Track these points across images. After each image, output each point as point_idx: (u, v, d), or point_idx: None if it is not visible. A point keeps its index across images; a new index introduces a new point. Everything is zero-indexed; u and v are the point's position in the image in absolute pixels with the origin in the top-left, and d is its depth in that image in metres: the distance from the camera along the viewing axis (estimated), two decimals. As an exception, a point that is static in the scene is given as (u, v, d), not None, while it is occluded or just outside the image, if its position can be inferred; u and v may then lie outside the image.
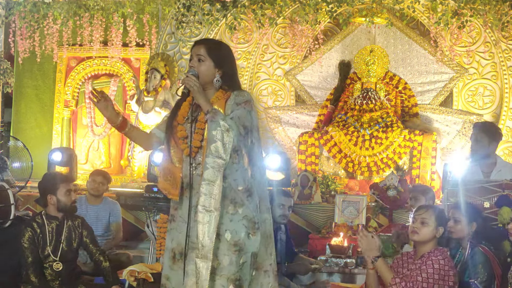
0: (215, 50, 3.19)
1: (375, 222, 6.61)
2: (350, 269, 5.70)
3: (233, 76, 3.23)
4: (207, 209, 2.94)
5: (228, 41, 8.13)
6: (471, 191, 4.34)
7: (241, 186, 3.06)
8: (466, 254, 3.79)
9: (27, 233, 4.36)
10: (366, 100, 7.80)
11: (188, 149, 3.11)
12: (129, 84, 8.37)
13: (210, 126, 2.98)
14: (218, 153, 2.95)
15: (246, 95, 3.13)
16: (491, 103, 7.97)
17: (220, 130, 2.96)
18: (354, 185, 7.58)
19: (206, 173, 2.95)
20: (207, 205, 2.94)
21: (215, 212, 2.94)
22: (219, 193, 2.95)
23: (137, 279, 4.68)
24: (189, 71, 3.14)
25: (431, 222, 3.66)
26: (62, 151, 7.47)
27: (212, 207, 2.94)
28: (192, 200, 3.09)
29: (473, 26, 7.68)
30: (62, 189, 4.44)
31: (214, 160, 2.95)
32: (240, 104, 3.08)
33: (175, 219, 3.16)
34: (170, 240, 3.16)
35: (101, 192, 5.99)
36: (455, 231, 3.84)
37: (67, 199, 4.44)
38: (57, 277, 4.39)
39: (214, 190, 2.95)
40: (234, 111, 3.05)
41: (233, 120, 3.01)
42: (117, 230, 6.00)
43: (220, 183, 2.96)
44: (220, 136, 2.96)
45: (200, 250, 2.93)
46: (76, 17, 8.15)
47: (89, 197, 5.98)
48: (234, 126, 2.99)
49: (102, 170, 6.57)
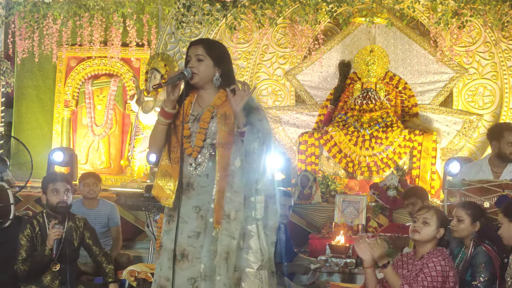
0: (214, 49, 3.18)
1: (375, 222, 6.61)
2: (350, 269, 5.70)
3: (231, 75, 3.24)
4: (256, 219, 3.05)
5: (228, 41, 8.14)
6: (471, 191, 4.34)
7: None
8: (469, 253, 3.79)
9: (26, 229, 4.37)
10: (366, 100, 7.80)
11: (190, 148, 3.11)
12: (129, 84, 8.37)
13: (250, 137, 3.02)
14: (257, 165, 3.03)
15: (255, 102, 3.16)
16: (491, 103, 7.97)
17: (258, 143, 3.02)
18: (354, 185, 7.58)
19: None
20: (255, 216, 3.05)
21: (260, 221, 3.05)
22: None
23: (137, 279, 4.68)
24: (184, 69, 3.13)
25: (433, 222, 3.66)
26: (63, 151, 7.47)
27: (258, 216, 3.05)
28: (192, 200, 3.09)
29: (473, 26, 7.67)
30: (50, 188, 4.44)
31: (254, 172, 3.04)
32: (260, 113, 3.12)
33: (174, 220, 3.15)
34: (169, 241, 3.14)
35: (96, 194, 5.83)
36: (458, 230, 3.84)
37: (53, 199, 4.42)
38: (57, 276, 4.38)
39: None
40: (258, 123, 3.07)
41: (264, 132, 3.06)
42: (116, 235, 5.84)
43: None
44: (258, 147, 3.02)
45: (262, 261, 3.02)
46: (76, 17, 8.14)
47: (84, 200, 5.81)
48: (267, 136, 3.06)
49: (90, 172, 6.38)
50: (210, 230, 3.05)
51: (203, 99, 3.19)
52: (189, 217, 3.09)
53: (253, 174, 3.02)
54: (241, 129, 3.02)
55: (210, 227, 3.05)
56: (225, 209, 3.00)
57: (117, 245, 5.79)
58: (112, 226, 5.84)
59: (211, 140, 3.10)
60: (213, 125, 3.11)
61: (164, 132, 3.17)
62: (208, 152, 3.10)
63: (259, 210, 3.04)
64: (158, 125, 3.17)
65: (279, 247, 4.64)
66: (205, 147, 3.10)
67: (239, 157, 3.04)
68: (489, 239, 3.83)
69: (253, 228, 3.02)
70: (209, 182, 3.08)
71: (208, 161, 3.09)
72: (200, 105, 3.18)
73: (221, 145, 3.07)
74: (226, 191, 3.01)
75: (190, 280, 3.06)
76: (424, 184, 7.23)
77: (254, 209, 3.02)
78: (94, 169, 8.20)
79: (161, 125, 3.16)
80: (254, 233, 3.02)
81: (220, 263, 2.97)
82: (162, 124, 3.15)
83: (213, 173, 3.08)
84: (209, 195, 3.08)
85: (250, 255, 3.01)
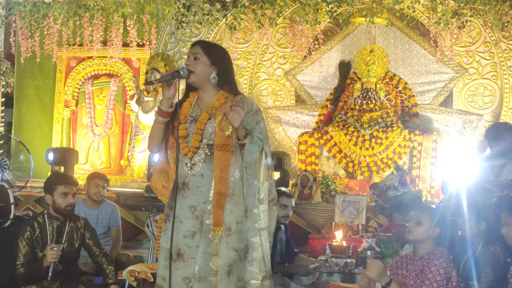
0: (211, 48, 3.21)
1: (375, 222, 6.61)
2: (350, 269, 5.70)
3: (230, 76, 3.24)
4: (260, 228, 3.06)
5: (228, 41, 8.15)
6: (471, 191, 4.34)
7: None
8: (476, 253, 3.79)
9: (26, 232, 4.35)
10: (366, 100, 7.80)
11: (186, 148, 3.12)
12: (129, 84, 8.37)
13: (251, 148, 3.02)
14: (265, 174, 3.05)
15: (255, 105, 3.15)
16: (491, 103, 7.97)
17: (258, 152, 3.03)
18: (354, 185, 7.58)
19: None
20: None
21: (264, 230, 3.06)
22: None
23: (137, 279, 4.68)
24: (181, 68, 3.14)
25: (425, 222, 3.68)
26: (54, 151, 7.42)
27: (262, 225, 3.05)
28: (187, 200, 3.10)
29: (473, 26, 7.68)
30: (59, 191, 4.38)
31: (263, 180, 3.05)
32: (258, 115, 3.11)
33: (170, 219, 3.16)
34: (165, 241, 3.15)
35: (102, 196, 5.81)
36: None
37: (61, 202, 4.37)
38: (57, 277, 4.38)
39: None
40: (257, 127, 3.07)
41: (262, 137, 3.07)
42: (117, 235, 5.77)
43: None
44: (258, 156, 3.03)
45: (266, 272, 3.02)
46: (76, 17, 8.14)
47: (87, 200, 5.73)
48: (266, 145, 3.07)
49: (100, 173, 6.26)
50: (206, 231, 3.06)
51: (202, 101, 3.21)
52: (184, 216, 3.11)
53: (253, 185, 3.02)
54: (242, 141, 3.03)
55: (207, 229, 3.06)
56: (225, 221, 3.01)
57: (117, 245, 5.77)
58: (112, 226, 5.82)
59: (207, 140, 3.11)
60: (210, 125, 3.12)
61: (162, 131, 3.19)
62: (204, 152, 3.11)
63: (262, 220, 3.04)
64: (156, 124, 3.19)
65: (279, 247, 4.64)
66: (201, 147, 3.11)
67: (238, 169, 3.05)
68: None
69: (257, 240, 3.02)
70: (204, 182, 3.09)
71: (204, 161, 3.10)
72: (200, 107, 3.20)
73: (219, 147, 3.09)
74: (226, 202, 3.03)
75: (185, 280, 3.07)
76: (424, 184, 7.24)
77: (257, 220, 3.02)
78: (94, 169, 8.20)
79: (158, 124, 3.18)
80: (258, 245, 3.02)
81: (222, 277, 2.99)
82: (160, 123, 3.17)
83: (208, 173, 3.09)
84: (204, 195, 3.09)
85: (255, 267, 3.01)
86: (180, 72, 3.11)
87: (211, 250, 3.04)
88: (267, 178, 3.07)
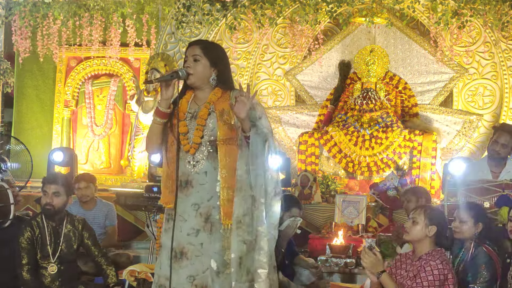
0: (210, 49, 3.21)
1: (375, 222, 6.61)
2: (350, 269, 5.70)
3: (228, 75, 3.26)
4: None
5: (228, 41, 8.14)
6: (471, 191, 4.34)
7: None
8: (469, 254, 3.79)
9: (26, 233, 4.36)
10: (366, 100, 7.79)
11: (188, 145, 3.12)
12: (129, 84, 8.37)
13: (256, 139, 3.02)
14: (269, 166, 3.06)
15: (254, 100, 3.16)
16: (491, 103, 7.97)
17: (263, 143, 3.04)
18: (354, 185, 7.58)
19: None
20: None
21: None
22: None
23: (137, 279, 4.68)
24: (180, 69, 3.14)
25: (420, 221, 3.66)
26: (63, 151, 7.46)
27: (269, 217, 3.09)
28: (190, 198, 3.09)
29: (473, 26, 7.67)
30: (42, 189, 4.46)
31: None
32: (261, 110, 3.13)
33: (173, 218, 3.16)
34: (167, 239, 3.15)
35: (90, 196, 5.86)
36: (460, 231, 3.83)
37: (42, 200, 4.47)
38: (57, 277, 4.38)
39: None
40: (260, 120, 3.07)
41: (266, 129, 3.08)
42: (112, 233, 5.85)
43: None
44: (263, 148, 3.03)
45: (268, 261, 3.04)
46: (76, 17, 8.14)
47: (81, 202, 5.85)
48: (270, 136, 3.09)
49: (83, 174, 6.37)
50: (217, 227, 3.07)
51: (199, 98, 3.22)
52: (188, 214, 3.11)
53: (260, 176, 3.02)
54: (247, 133, 3.03)
55: (217, 224, 3.07)
56: (235, 214, 3.03)
57: (109, 240, 5.78)
58: (108, 225, 5.85)
59: (208, 137, 3.12)
60: (211, 121, 3.12)
61: (159, 131, 3.19)
62: (206, 150, 3.11)
63: (269, 211, 3.05)
64: (154, 125, 3.19)
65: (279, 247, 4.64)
66: (203, 144, 3.11)
67: (244, 162, 3.05)
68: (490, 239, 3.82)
69: (264, 229, 3.03)
70: (208, 179, 3.10)
71: (207, 158, 3.11)
72: (197, 103, 3.21)
73: (223, 141, 3.10)
74: (234, 195, 3.03)
75: (189, 278, 3.08)
76: (424, 184, 7.23)
77: (264, 210, 3.03)
78: (94, 169, 8.20)
79: (156, 124, 3.17)
80: (265, 234, 3.02)
81: (234, 269, 3.01)
82: (158, 123, 3.17)
83: (211, 170, 3.10)
84: (208, 192, 3.10)
85: (262, 256, 3.02)
86: (179, 73, 3.11)
87: (224, 244, 3.07)
88: (272, 169, 3.08)
